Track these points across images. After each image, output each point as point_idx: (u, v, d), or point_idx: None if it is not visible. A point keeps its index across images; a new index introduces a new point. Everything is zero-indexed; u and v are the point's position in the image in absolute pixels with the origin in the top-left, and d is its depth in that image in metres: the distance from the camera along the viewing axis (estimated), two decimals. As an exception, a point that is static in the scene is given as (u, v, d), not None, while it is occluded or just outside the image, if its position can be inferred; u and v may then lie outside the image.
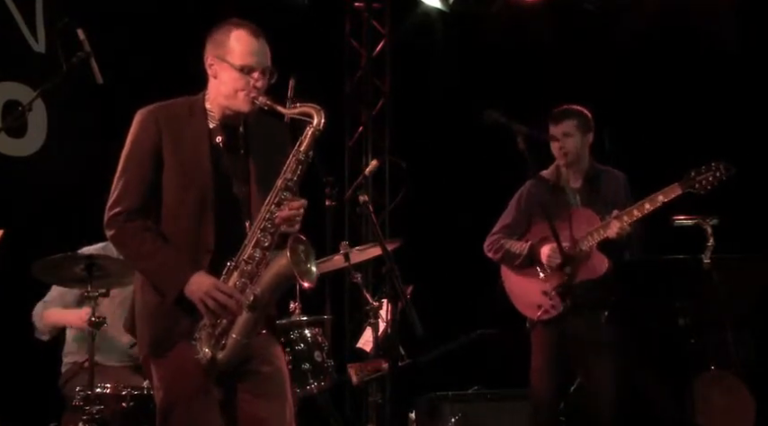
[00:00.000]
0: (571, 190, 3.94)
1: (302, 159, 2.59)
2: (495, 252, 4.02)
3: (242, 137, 2.68)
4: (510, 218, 4.05)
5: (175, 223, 2.57)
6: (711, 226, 3.86)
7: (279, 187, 2.56)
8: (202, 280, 2.52)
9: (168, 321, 2.56)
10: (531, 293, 3.89)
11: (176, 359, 2.55)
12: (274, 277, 2.53)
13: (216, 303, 2.50)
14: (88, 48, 3.21)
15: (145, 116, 2.63)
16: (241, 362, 2.58)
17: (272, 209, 2.55)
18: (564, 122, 3.92)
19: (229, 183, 2.60)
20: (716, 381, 3.98)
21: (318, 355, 3.92)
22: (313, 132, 2.59)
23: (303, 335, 3.92)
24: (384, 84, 6.20)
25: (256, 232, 2.55)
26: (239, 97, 2.60)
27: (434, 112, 5.99)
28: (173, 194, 2.58)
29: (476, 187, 5.82)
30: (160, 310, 2.56)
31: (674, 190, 3.72)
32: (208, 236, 2.55)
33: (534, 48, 5.78)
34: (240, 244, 2.56)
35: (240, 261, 2.54)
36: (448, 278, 5.73)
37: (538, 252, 3.87)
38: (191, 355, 2.52)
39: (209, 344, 2.52)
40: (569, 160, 3.91)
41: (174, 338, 2.56)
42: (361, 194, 3.51)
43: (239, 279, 2.54)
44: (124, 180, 2.59)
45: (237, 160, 2.64)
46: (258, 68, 2.60)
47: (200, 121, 2.64)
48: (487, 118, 3.48)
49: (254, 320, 2.54)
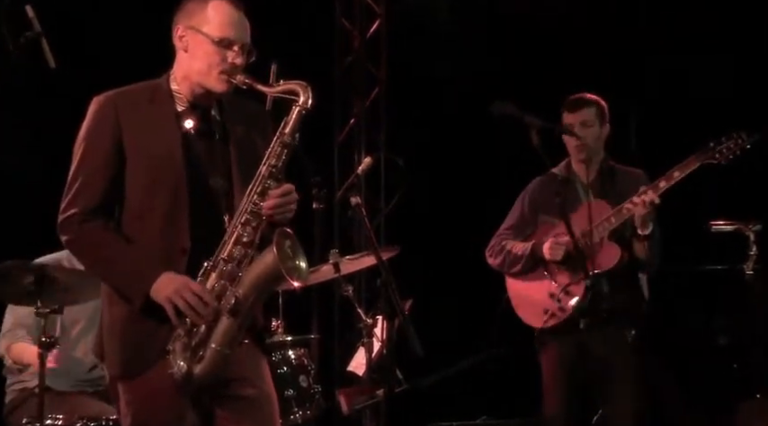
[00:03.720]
0: (582, 185, 3.94)
1: (288, 142, 2.56)
2: (496, 257, 4.02)
3: (216, 120, 2.65)
4: (515, 219, 4.06)
5: (143, 223, 2.55)
6: (754, 232, 3.86)
7: (262, 174, 2.54)
8: (171, 279, 2.50)
9: (140, 335, 2.54)
10: (536, 298, 3.89)
11: (149, 380, 2.52)
12: (259, 276, 2.51)
13: (186, 304, 2.47)
14: (38, 27, 3.17)
15: (101, 104, 2.60)
16: (220, 384, 2.55)
17: (254, 200, 2.53)
18: (582, 110, 3.92)
19: (204, 174, 2.58)
20: (762, 410, 3.96)
21: (304, 380, 3.91)
22: (299, 111, 2.56)
23: (286, 357, 3.91)
24: (379, 70, 6.17)
25: (237, 227, 2.53)
26: (214, 74, 2.57)
27: (437, 103, 5.97)
28: (138, 190, 2.55)
29: (484, 188, 5.80)
30: (130, 323, 2.54)
31: (690, 164, 3.72)
32: (182, 235, 2.53)
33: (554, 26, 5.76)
34: (219, 241, 2.54)
35: (218, 260, 2.52)
36: (451, 291, 5.71)
37: (540, 250, 3.87)
38: (165, 374, 2.49)
39: (184, 356, 2.49)
40: (587, 154, 3.90)
41: (148, 355, 2.53)
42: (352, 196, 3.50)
43: (218, 280, 2.52)
44: (80, 179, 2.56)
45: (212, 147, 2.62)
46: (237, 43, 2.58)
47: (166, 105, 2.61)
48: (496, 109, 3.46)
49: (237, 327, 2.51)
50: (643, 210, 3.70)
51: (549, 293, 3.82)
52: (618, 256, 3.75)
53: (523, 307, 3.95)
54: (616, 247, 3.76)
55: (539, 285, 3.90)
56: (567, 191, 3.88)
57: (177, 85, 2.63)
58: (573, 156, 3.95)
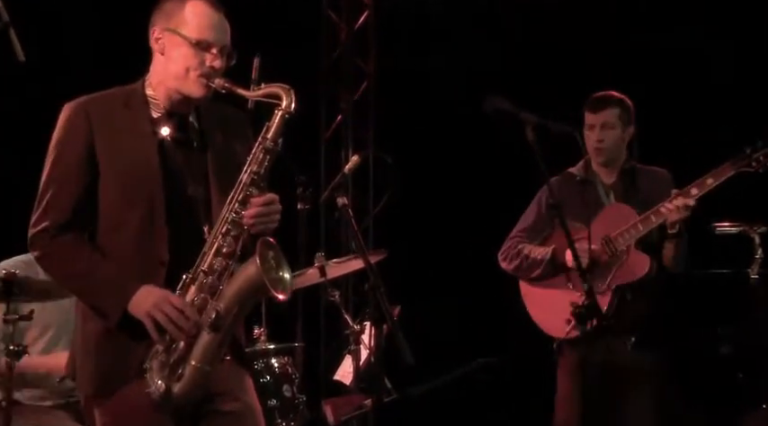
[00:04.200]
0: (603, 186, 3.94)
1: (270, 148, 2.57)
2: (511, 261, 4.01)
3: (193, 127, 2.66)
4: (531, 220, 4.05)
5: (118, 234, 2.55)
6: (760, 234, 3.87)
7: (243, 182, 2.55)
8: (150, 292, 2.50)
9: (116, 353, 2.53)
10: (557, 307, 3.86)
11: (125, 399, 2.51)
12: (241, 289, 2.51)
13: (166, 318, 2.47)
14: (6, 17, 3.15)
15: (73, 111, 2.60)
16: (203, 400, 2.55)
17: (235, 209, 2.54)
18: (605, 110, 3.92)
19: (182, 183, 2.59)
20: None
21: (288, 389, 3.91)
22: (282, 115, 2.57)
23: (269, 366, 3.92)
24: (368, 63, 6.18)
25: (217, 237, 2.53)
26: (191, 78, 2.58)
27: (428, 99, 5.98)
28: (113, 201, 2.56)
29: (478, 188, 5.81)
30: (106, 340, 2.54)
31: (725, 171, 3.73)
32: (159, 247, 2.54)
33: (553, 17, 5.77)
34: (199, 252, 2.54)
35: (198, 272, 2.53)
36: (443, 296, 5.71)
37: (562, 257, 3.86)
38: (143, 393, 2.49)
39: (162, 375, 2.49)
40: (606, 157, 3.91)
41: (124, 374, 2.53)
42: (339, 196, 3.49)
43: (198, 293, 2.52)
44: (51, 191, 2.56)
45: (190, 155, 2.63)
46: (216, 45, 2.59)
47: (141, 112, 2.61)
48: (489, 105, 3.45)
49: (218, 343, 2.50)
50: (677, 216, 3.71)
51: (571, 302, 3.80)
52: (648, 266, 3.76)
53: (543, 315, 3.95)
54: (645, 256, 3.77)
55: (559, 293, 3.90)
56: (587, 194, 3.89)
57: (153, 91, 2.63)
58: (592, 158, 3.96)
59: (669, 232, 3.78)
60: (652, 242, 3.82)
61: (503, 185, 5.23)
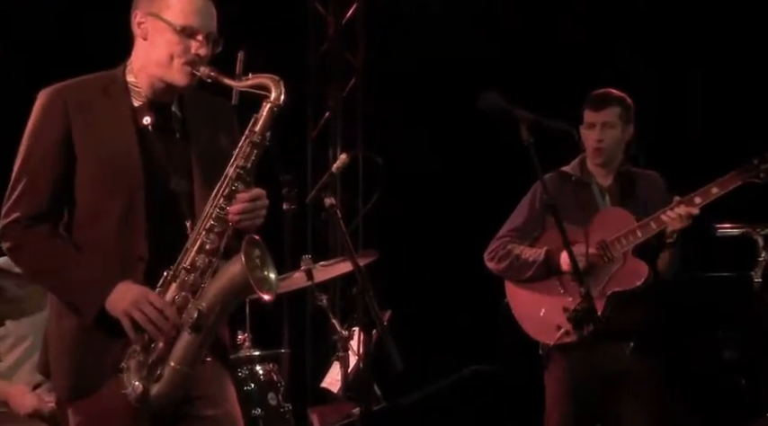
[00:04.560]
0: (599, 188, 3.95)
1: (257, 142, 2.55)
2: (500, 261, 4.00)
3: (176, 117, 2.64)
4: (521, 220, 4.04)
5: (95, 228, 2.54)
6: (763, 236, 3.87)
7: (229, 177, 2.53)
8: (128, 289, 2.49)
9: (92, 352, 2.52)
10: (547, 311, 3.88)
11: (100, 401, 2.50)
12: (224, 288, 2.50)
13: (144, 317, 2.46)
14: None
15: (49, 98, 2.58)
16: (182, 402, 2.53)
17: (220, 205, 2.52)
18: (607, 109, 3.92)
19: (163, 175, 2.58)
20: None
21: (273, 398, 3.91)
22: (270, 108, 2.56)
23: (254, 373, 3.92)
24: (357, 58, 6.18)
25: (200, 233, 2.52)
26: (175, 66, 2.56)
27: (420, 95, 5.98)
28: (90, 192, 2.54)
29: (471, 187, 5.81)
30: (81, 338, 2.52)
31: (731, 181, 3.74)
32: (138, 242, 2.53)
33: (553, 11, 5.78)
34: (181, 249, 2.53)
35: (180, 269, 2.51)
36: (435, 300, 5.72)
37: (557, 260, 3.86)
38: (119, 394, 2.47)
39: (140, 375, 2.48)
40: (605, 158, 3.91)
41: (100, 375, 2.51)
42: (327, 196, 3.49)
43: (179, 291, 2.51)
44: (24, 180, 2.54)
45: (172, 146, 2.61)
46: (202, 32, 2.58)
47: (122, 100, 2.59)
48: (483, 102, 3.45)
49: (199, 343, 2.49)
50: (679, 224, 3.71)
51: (563, 307, 3.80)
52: (646, 274, 3.76)
53: (530, 320, 3.94)
54: (644, 264, 3.77)
55: (550, 297, 3.90)
56: (581, 195, 3.89)
57: (134, 77, 2.61)
58: (589, 158, 3.97)
59: (667, 241, 3.78)
60: (649, 249, 3.82)
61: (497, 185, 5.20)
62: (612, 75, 4.65)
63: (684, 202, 3.74)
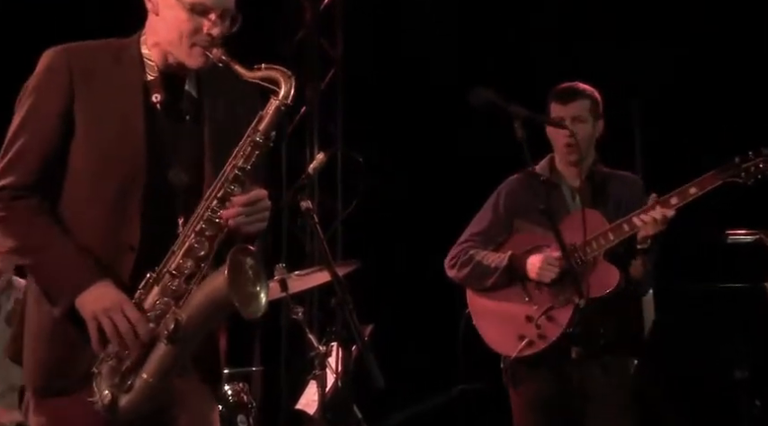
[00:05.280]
0: (569, 189, 3.96)
1: (260, 142, 2.53)
2: (461, 268, 4.01)
3: (190, 96, 2.62)
4: (484, 224, 4.06)
5: (86, 209, 2.53)
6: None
7: (225, 176, 2.52)
8: (106, 292, 2.47)
9: (66, 347, 2.50)
10: (508, 320, 3.88)
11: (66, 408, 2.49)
12: (207, 300, 2.47)
13: (113, 328, 2.44)
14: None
15: (53, 59, 2.56)
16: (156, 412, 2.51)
17: (212, 207, 2.51)
18: (576, 102, 3.94)
19: (165, 162, 2.56)
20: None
21: (243, 420, 3.91)
22: (278, 107, 2.54)
23: (222, 394, 3.89)
24: (335, 48, 6.18)
25: (189, 235, 2.50)
26: (185, 45, 2.55)
27: (404, 88, 5.99)
28: (85, 171, 2.53)
29: (460, 190, 5.81)
30: (58, 329, 2.50)
31: (710, 180, 3.75)
32: (130, 230, 2.52)
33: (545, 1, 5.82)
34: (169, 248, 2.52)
35: (164, 272, 2.50)
36: (420, 314, 5.73)
37: (522, 265, 3.88)
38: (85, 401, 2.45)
39: (111, 382, 2.46)
40: (578, 155, 3.93)
41: (73, 374, 2.50)
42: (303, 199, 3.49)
43: (161, 297, 2.49)
44: (20, 143, 2.53)
45: (181, 130, 2.59)
46: (216, 10, 2.55)
47: (133, 71, 2.58)
48: (475, 97, 3.47)
49: (175, 356, 2.48)
50: (653, 229, 3.71)
51: (527, 316, 3.83)
52: (617, 280, 3.77)
53: (491, 330, 3.94)
54: (615, 269, 3.78)
55: (513, 306, 3.91)
56: (550, 196, 3.89)
57: (148, 49, 2.59)
58: (561, 157, 3.97)
59: (638, 247, 3.76)
60: (618, 253, 3.83)
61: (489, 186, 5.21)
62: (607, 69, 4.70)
63: (660, 203, 3.75)
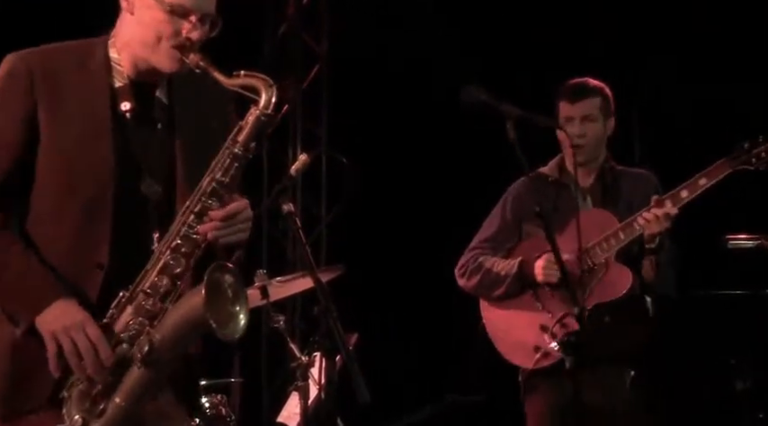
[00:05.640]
0: (579, 189, 3.97)
1: (240, 154, 2.53)
2: (470, 277, 4.02)
3: (161, 104, 2.63)
4: (493, 230, 4.07)
5: (52, 226, 2.52)
6: (780, 249, 3.92)
7: (202, 190, 2.52)
8: (68, 310, 2.46)
9: (32, 367, 2.48)
10: (523, 331, 3.89)
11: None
12: (183, 320, 2.47)
13: (72, 348, 2.44)
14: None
15: (14, 65, 2.55)
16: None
17: (189, 222, 2.51)
18: (585, 100, 3.95)
19: (137, 174, 2.56)
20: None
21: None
22: (258, 117, 2.54)
23: (199, 406, 3.87)
24: (319, 43, 6.18)
25: (164, 252, 2.50)
26: (162, 49, 2.54)
27: (392, 86, 5.99)
28: (50, 184, 2.52)
29: (449, 192, 5.83)
30: (20, 350, 2.49)
31: (720, 169, 3.77)
32: (99, 247, 2.51)
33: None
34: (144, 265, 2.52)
35: (138, 291, 2.49)
36: (408, 321, 5.73)
37: (531, 271, 3.89)
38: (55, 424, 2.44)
39: (81, 407, 2.46)
40: (587, 155, 3.94)
41: (38, 395, 2.48)
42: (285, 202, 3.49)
43: (134, 317, 2.48)
44: None
45: (152, 140, 2.59)
46: (196, 13, 2.55)
47: (100, 77, 2.57)
48: (466, 97, 3.47)
49: (149, 380, 2.48)
50: (657, 228, 3.72)
51: (541, 325, 3.84)
52: (630, 282, 3.78)
53: (506, 343, 3.95)
54: (627, 271, 3.79)
55: (526, 315, 3.91)
56: (560, 198, 3.92)
57: (117, 52, 2.59)
58: (569, 158, 3.98)
59: (647, 246, 3.78)
60: (632, 254, 3.84)
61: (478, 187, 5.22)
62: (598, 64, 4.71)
63: (662, 201, 3.76)
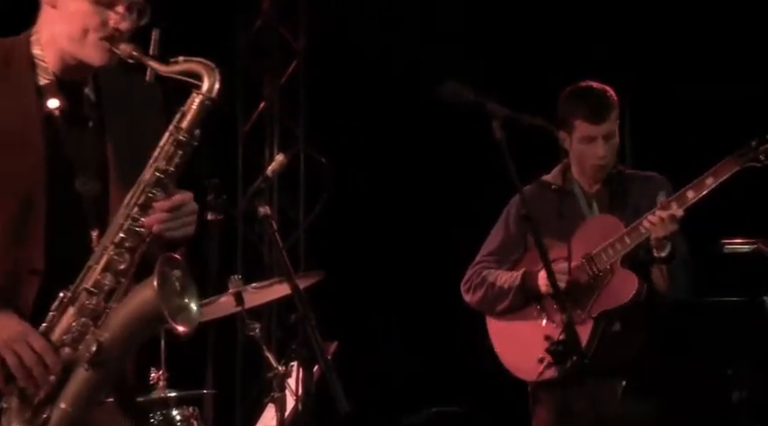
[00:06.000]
0: (585, 195, 3.98)
1: (184, 141, 2.56)
2: (474, 292, 4.04)
3: (90, 101, 2.65)
4: (496, 243, 4.08)
5: None
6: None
7: (146, 181, 2.54)
8: (7, 323, 2.47)
9: None
10: (528, 343, 3.91)
11: None
12: (133, 316, 2.49)
13: (17, 361, 2.44)
14: None
15: None
16: None
17: (133, 215, 2.53)
18: (609, 118, 3.92)
19: (70, 172, 2.57)
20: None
21: (193, 448, 3.89)
22: (201, 101, 2.57)
23: (170, 419, 3.90)
24: (297, 38, 6.18)
25: (107, 248, 2.52)
26: (90, 41, 2.56)
27: (372, 83, 5.99)
28: None
29: (434, 193, 5.84)
30: None
31: (727, 167, 3.78)
32: (33, 252, 2.52)
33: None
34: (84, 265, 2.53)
35: (80, 291, 2.51)
36: (389, 330, 5.73)
37: (535, 282, 3.90)
38: None
39: (22, 418, 2.46)
40: (608, 169, 3.94)
41: None
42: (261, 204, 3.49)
43: (77, 318, 2.50)
44: None
45: (83, 137, 2.61)
46: (123, 1, 2.58)
47: (24, 76, 2.58)
48: (447, 93, 3.45)
49: (98, 382, 2.49)
50: (662, 231, 3.72)
51: (545, 336, 3.84)
52: (635, 287, 3.78)
53: (512, 356, 3.98)
54: (633, 276, 3.80)
55: (531, 326, 3.93)
56: (565, 206, 3.92)
57: (41, 49, 2.61)
58: (586, 174, 3.98)
59: (656, 255, 3.79)
60: (638, 260, 3.86)
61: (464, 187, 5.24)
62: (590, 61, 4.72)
63: (674, 200, 3.77)
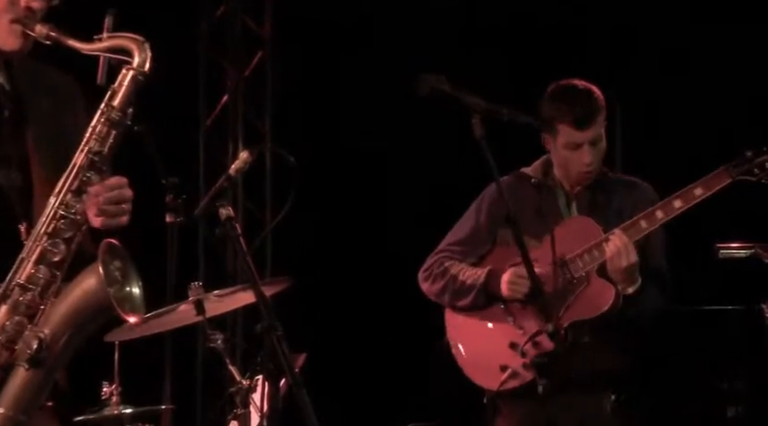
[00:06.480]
0: (565, 194, 3.98)
1: (117, 119, 2.58)
2: (434, 281, 4.02)
3: (5, 91, 2.66)
4: (463, 233, 4.06)
5: None
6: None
7: (79, 165, 2.56)
8: None
9: None
10: (491, 348, 3.90)
11: None
12: (75, 309, 2.52)
13: None
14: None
15: None
16: None
17: (67, 202, 2.54)
18: (596, 123, 3.90)
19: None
20: None
21: (150, 469, 3.87)
22: (133, 77, 2.59)
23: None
24: (262, 26, 6.17)
25: (40, 239, 2.54)
26: (2, 25, 2.59)
27: (343, 74, 5.99)
28: None
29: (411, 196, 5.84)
30: None
31: (719, 179, 3.78)
32: None
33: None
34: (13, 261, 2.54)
35: (12, 287, 2.53)
36: (362, 341, 5.72)
37: (497, 283, 3.89)
38: None
39: None
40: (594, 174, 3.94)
41: None
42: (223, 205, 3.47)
43: (10, 316, 2.52)
44: None
45: (1, 128, 2.64)
46: None
47: None
48: (424, 86, 3.44)
49: (39, 383, 2.51)
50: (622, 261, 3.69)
51: (510, 343, 3.84)
52: (612, 299, 3.76)
53: (471, 360, 3.96)
54: (611, 287, 3.78)
55: (495, 329, 3.92)
56: (542, 201, 3.92)
57: None
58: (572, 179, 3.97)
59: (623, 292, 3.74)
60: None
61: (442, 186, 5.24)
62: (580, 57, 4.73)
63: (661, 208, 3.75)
